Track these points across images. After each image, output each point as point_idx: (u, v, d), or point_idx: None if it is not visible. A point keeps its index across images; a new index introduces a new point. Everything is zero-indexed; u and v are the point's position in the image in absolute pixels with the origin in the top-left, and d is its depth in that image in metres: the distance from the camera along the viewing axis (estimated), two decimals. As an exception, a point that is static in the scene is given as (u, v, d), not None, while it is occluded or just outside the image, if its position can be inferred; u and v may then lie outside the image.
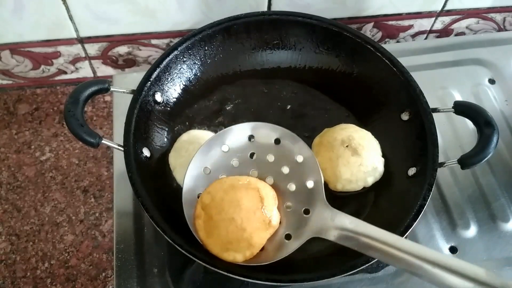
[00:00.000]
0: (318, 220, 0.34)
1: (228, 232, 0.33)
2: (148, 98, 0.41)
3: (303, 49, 0.48)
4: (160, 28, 0.53)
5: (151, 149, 0.41)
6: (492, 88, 0.56)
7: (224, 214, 0.33)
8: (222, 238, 0.33)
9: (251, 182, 0.35)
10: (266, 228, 0.34)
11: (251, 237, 0.33)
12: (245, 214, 0.33)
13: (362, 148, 0.41)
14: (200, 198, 0.35)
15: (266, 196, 0.34)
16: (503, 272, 0.44)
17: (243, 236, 0.33)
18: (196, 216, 0.34)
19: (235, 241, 0.33)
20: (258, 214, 0.34)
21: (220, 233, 0.33)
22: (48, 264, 0.46)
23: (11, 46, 0.52)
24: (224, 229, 0.33)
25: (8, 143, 0.54)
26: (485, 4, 0.60)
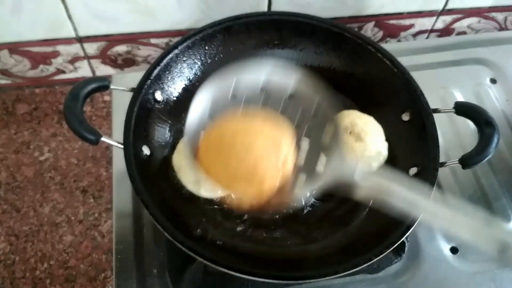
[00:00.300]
0: (332, 169, 0.32)
1: (239, 166, 0.30)
2: (148, 97, 0.41)
3: (304, 49, 0.47)
4: (159, 27, 0.53)
5: (151, 147, 0.40)
6: (493, 87, 0.56)
7: (238, 145, 0.30)
8: (230, 172, 0.31)
9: (269, 122, 0.32)
10: (280, 169, 0.31)
11: (263, 175, 0.30)
12: (261, 146, 0.31)
13: (365, 134, 0.41)
14: (211, 129, 0.32)
15: (284, 135, 0.32)
16: (504, 273, 0.43)
17: (254, 172, 0.30)
18: (201, 148, 0.32)
19: (245, 176, 0.30)
20: (275, 151, 0.31)
21: (228, 170, 0.31)
22: (47, 264, 0.46)
23: (10, 46, 0.52)
24: (234, 160, 0.30)
25: (7, 143, 0.53)
26: (486, 3, 0.60)
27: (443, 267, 0.43)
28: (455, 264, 0.44)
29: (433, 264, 0.44)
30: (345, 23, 0.57)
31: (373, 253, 0.34)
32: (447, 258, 0.44)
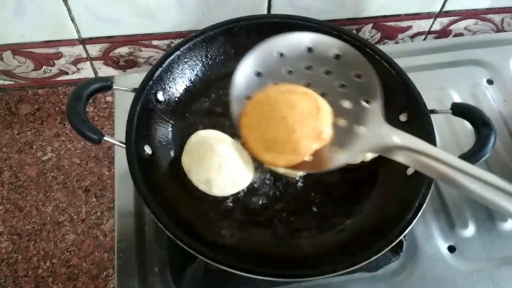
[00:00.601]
0: (372, 136, 0.32)
1: (276, 131, 0.31)
2: (150, 97, 0.41)
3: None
4: (161, 29, 0.54)
5: (153, 146, 0.41)
6: (490, 88, 0.57)
7: (276, 112, 0.32)
8: (268, 137, 0.32)
9: (310, 92, 0.33)
10: (317, 138, 0.32)
11: (298, 141, 0.31)
12: (298, 116, 0.31)
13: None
14: (254, 96, 0.33)
15: (323, 108, 0.32)
16: (502, 272, 0.44)
17: (290, 138, 0.31)
18: (244, 113, 0.33)
19: (281, 142, 0.31)
20: (312, 121, 0.31)
21: (266, 132, 0.32)
22: (49, 263, 0.47)
23: (13, 47, 0.52)
24: (272, 127, 0.31)
25: (10, 143, 0.54)
26: (483, 5, 0.60)
27: (440, 265, 0.44)
28: (453, 262, 0.44)
29: (430, 262, 0.44)
30: (343, 25, 0.57)
31: (372, 251, 0.34)
32: (444, 257, 0.45)
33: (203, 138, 0.41)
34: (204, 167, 0.38)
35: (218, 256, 0.34)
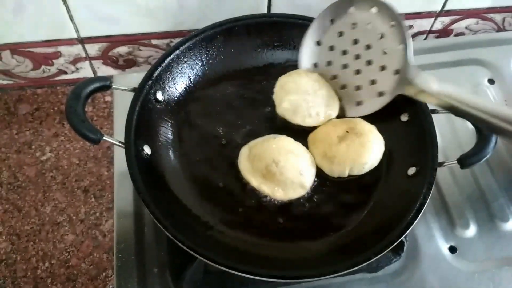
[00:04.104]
0: (403, 79, 0.38)
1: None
2: (150, 97, 0.41)
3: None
4: (160, 28, 0.53)
5: (152, 146, 0.41)
6: (491, 88, 0.57)
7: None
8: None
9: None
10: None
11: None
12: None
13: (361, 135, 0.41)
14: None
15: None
16: (503, 272, 0.44)
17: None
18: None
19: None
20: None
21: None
22: (48, 263, 0.47)
23: (12, 46, 0.52)
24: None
25: (9, 143, 0.54)
26: (484, 4, 0.60)
27: (441, 266, 0.44)
28: (454, 263, 0.44)
29: (431, 263, 0.44)
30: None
31: (373, 252, 0.34)
32: (445, 257, 0.44)
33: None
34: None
35: (218, 257, 0.34)
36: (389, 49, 0.40)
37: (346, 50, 0.42)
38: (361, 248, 0.35)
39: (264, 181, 0.40)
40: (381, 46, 0.40)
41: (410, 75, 0.38)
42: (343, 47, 0.42)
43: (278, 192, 0.40)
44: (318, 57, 0.44)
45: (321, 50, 0.44)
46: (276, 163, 0.39)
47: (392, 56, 0.39)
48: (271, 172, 0.39)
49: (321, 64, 0.44)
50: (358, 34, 0.41)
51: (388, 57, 0.40)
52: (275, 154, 0.39)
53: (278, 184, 0.39)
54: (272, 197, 0.40)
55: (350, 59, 0.42)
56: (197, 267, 0.39)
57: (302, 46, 0.44)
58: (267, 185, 0.40)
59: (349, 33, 0.42)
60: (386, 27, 0.40)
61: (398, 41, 0.39)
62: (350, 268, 0.33)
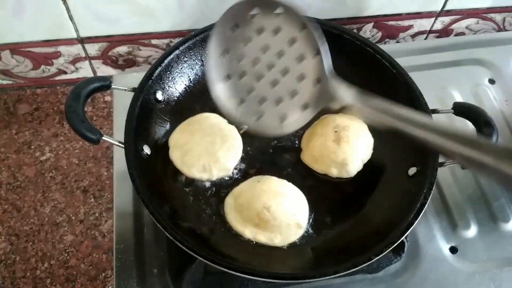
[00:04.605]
0: (326, 90, 0.34)
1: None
2: (149, 96, 0.41)
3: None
4: (160, 28, 0.53)
5: (152, 146, 0.41)
6: (492, 88, 0.56)
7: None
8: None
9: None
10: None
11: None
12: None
13: (349, 138, 0.41)
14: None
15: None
16: (504, 273, 0.44)
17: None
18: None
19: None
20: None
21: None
22: (47, 264, 0.46)
23: (11, 46, 0.52)
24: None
25: (8, 143, 0.54)
26: (484, 4, 0.60)
27: (442, 266, 0.44)
28: (455, 263, 0.44)
29: (432, 263, 0.44)
30: (344, 24, 0.57)
31: (373, 252, 0.34)
32: (446, 258, 0.44)
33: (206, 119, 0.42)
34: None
35: (218, 258, 0.33)
36: (304, 56, 0.35)
37: (257, 58, 0.36)
38: (361, 248, 0.35)
39: (258, 230, 0.37)
40: (293, 52, 0.35)
41: (331, 87, 0.34)
42: (253, 55, 0.37)
43: (276, 239, 0.38)
44: (228, 68, 0.38)
45: (230, 60, 0.37)
46: (268, 209, 0.37)
47: (308, 64, 0.35)
48: (264, 219, 0.37)
49: (234, 76, 0.38)
50: (267, 40, 0.36)
51: (304, 65, 0.35)
52: (264, 200, 0.37)
53: (273, 231, 0.37)
54: (270, 245, 0.38)
55: (264, 69, 0.36)
56: (197, 267, 0.39)
57: (208, 58, 0.37)
58: (263, 234, 0.37)
59: (257, 39, 0.36)
60: (295, 31, 0.35)
61: (312, 46, 0.34)
62: (350, 269, 0.33)
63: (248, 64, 0.37)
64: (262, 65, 0.37)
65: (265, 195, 0.38)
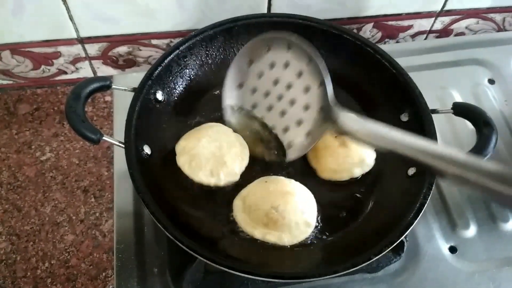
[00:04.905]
0: (328, 118, 0.36)
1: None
2: (150, 97, 0.41)
3: (303, 50, 0.48)
4: (160, 28, 0.53)
5: (152, 146, 0.41)
6: (491, 88, 0.56)
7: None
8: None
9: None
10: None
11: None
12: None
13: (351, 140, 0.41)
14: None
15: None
16: (503, 273, 0.44)
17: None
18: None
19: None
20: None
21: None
22: (48, 264, 0.47)
23: (12, 46, 0.52)
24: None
25: (9, 143, 0.54)
26: (484, 4, 0.60)
27: (442, 266, 0.44)
28: (454, 263, 0.44)
29: (432, 263, 0.44)
30: (344, 24, 0.57)
31: (373, 252, 0.34)
32: (446, 257, 0.44)
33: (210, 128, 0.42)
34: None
35: (218, 257, 0.33)
36: (309, 87, 0.38)
37: (268, 91, 0.40)
38: (361, 248, 0.35)
39: (268, 231, 0.38)
40: (300, 84, 0.38)
41: (333, 114, 0.36)
42: (265, 88, 0.40)
43: (285, 238, 0.38)
44: (242, 100, 0.42)
45: (244, 93, 0.41)
46: (276, 208, 0.37)
47: (313, 94, 0.38)
48: (273, 219, 0.37)
49: (246, 107, 0.42)
50: (278, 74, 0.39)
51: (309, 95, 0.38)
52: (272, 199, 0.38)
53: (283, 230, 0.38)
54: (280, 244, 0.38)
55: (274, 100, 0.40)
56: (197, 267, 0.39)
57: (224, 90, 0.42)
58: (272, 234, 0.38)
59: (269, 74, 0.40)
60: (302, 64, 0.38)
61: (316, 78, 0.37)
62: (350, 268, 0.33)
63: (260, 97, 0.41)
64: (272, 98, 0.40)
65: (272, 195, 0.38)
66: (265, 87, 0.40)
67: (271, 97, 0.40)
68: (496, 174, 0.26)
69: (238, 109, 0.42)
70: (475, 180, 0.27)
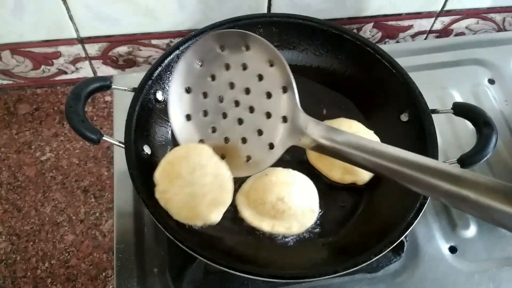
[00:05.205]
0: (294, 128, 0.33)
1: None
2: (149, 97, 0.41)
3: (304, 51, 0.48)
4: (160, 28, 0.53)
5: (152, 146, 0.41)
6: (491, 88, 0.56)
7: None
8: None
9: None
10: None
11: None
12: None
13: None
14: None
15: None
16: (503, 273, 0.44)
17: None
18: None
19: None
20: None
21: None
22: (48, 264, 0.47)
23: (12, 46, 0.52)
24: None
25: (9, 143, 0.54)
26: (484, 4, 0.60)
27: (442, 266, 0.44)
28: (454, 263, 0.44)
29: (432, 263, 0.44)
30: (344, 24, 0.57)
31: (373, 252, 0.34)
32: (446, 257, 0.44)
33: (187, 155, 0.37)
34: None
35: (218, 257, 0.33)
36: (272, 92, 0.33)
37: (222, 96, 0.35)
38: (361, 248, 0.35)
39: (275, 222, 0.38)
40: (261, 89, 0.33)
41: (301, 123, 0.32)
42: (218, 93, 0.35)
43: (294, 227, 0.38)
44: (190, 107, 0.36)
45: (193, 98, 0.36)
46: (282, 200, 0.37)
47: (276, 100, 0.33)
48: (280, 210, 0.37)
49: (196, 115, 0.36)
50: (234, 76, 0.34)
51: (272, 102, 0.33)
52: (276, 191, 0.37)
53: (290, 219, 0.38)
54: (289, 234, 0.38)
55: (229, 107, 0.35)
56: (197, 267, 0.39)
57: (169, 95, 0.36)
58: (280, 224, 0.38)
59: (223, 76, 0.35)
60: (264, 66, 0.33)
61: (280, 82, 0.33)
62: (350, 268, 0.33)
63: (212, 103, 0.35)
64: (227, 104, 0.35)
65: (276, 186, 0.38)
66: (218, 91, 0.35)
67: (226, 103, 0.35)
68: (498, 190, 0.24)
69: (184, 117, 0.36)
70: (470, 199, 0.24)
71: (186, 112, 0.36)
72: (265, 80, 0.33)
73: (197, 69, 0.35)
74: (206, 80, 0.35)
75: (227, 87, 0.35)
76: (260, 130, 0.34)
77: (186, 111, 0.36)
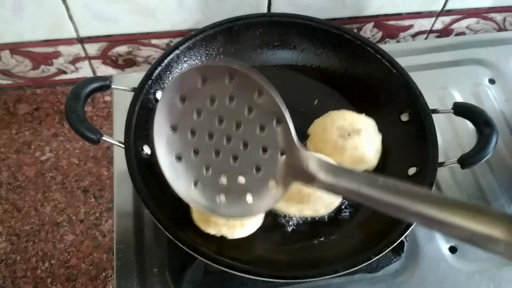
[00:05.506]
0: (293, 164, 0.30)
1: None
2: (149, 96, 0.41)
3: (304, 50, 0.48)
4: (160, 28, 0.53)
5: (152, 146, 0.41)
6: (492, 88, 0.56)
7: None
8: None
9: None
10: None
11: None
12: None
13: (357, 133, 0.41)
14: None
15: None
16: (503, 272, 0.44)
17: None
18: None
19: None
20: None
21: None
22: (48, 264, 0.47)
23: (11, 46, 0.52)
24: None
25: (8, 143, 0.54)
26: (485, 4, 0.60)
27: (442, 266, 0.44)
28: (454, 263, 0.44)
29: (432, 263, 0.44)
30: (344, 24, 0.57)
31: (373, 252, 0.34)
32: (446, 258, 0.44)
33: None
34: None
35: (218, 257, 0.33)
36: (265, 125, 0.30)
37: (211, 132, 0.31)
38: (361, 248, 0.35)
39: (303, 206, 0.39)
40: (252, 121, 0.30)
41: (299, 159, 0.29)
42: (207, 129, 0.31)
43: (321, 209, 0.39)
44: (179, 147, 0.32)
45: (180, 137, 0.32)
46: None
47: (270, 133, 0.30)
48: (306, 195, 0.38)
49: (186, 155, 0.32)
50: (221, 110, 0.31)
51: (266, 134, 0.30)
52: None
53: (316, 203, 0.39)
54: (316, 216, 0.40)
55: (220, 143, 0.31)
56: (197, 267, 0.39)
57: (154, 137, 0.32)
58: (307, 208, 0.39)
59: (210, 110, 0.31)
60: (251, 97, 0.29)
61: (272, 114, 0.29)
62: (350, 268, 0.33)
63: (202, 140, 0.32)
64: (218, 140, 0.31)
65: None
66: (207, 127, 0.31)
67: (216, 139, 0.31)
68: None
69: (173, 160, 0.32)
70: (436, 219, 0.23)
71: (175, 153, 0.32)
72: (255, 112, 0.30)
73: (179, 106, 0.31)
74: (191, 116, 0.31)
75: (216, 122, 0.31)
76: (258, 166, 0.31)
77: (175, 152, 0.32)
